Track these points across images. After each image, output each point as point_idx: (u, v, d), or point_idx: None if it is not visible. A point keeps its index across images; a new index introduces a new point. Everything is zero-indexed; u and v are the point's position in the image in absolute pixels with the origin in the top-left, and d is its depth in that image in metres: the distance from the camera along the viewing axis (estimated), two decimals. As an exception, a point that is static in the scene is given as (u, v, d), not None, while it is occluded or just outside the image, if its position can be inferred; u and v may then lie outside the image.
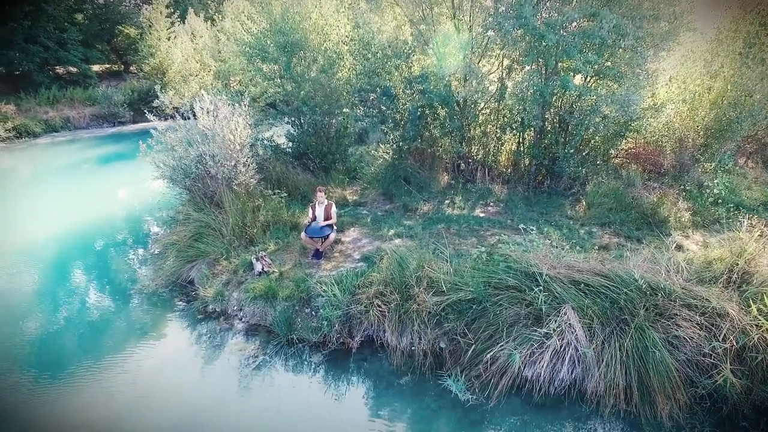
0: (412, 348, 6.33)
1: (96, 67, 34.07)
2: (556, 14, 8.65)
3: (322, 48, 11.47)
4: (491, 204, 10.32)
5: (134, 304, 8.05)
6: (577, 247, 7.56)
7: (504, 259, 6.80)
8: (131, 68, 35.11)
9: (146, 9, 32.95)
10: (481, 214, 9.78)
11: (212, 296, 7.57)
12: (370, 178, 11.56)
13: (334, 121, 11.97)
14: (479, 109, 10.90)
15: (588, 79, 9.60)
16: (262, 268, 7.62)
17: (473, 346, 5.92)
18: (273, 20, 10.98)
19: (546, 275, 6.06)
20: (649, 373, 5.24)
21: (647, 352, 5.29)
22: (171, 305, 7.92)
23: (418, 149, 11.39)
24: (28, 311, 7.89)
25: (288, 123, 12.37)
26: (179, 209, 10.11)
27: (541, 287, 5.98)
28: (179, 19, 31.95)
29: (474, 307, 6.20)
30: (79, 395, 5.83)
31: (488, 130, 11.19)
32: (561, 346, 5.63)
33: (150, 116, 9.90)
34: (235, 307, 7.42)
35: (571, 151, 10.03)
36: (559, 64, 9.34)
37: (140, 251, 10.58)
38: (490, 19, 9.22)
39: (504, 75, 10.34)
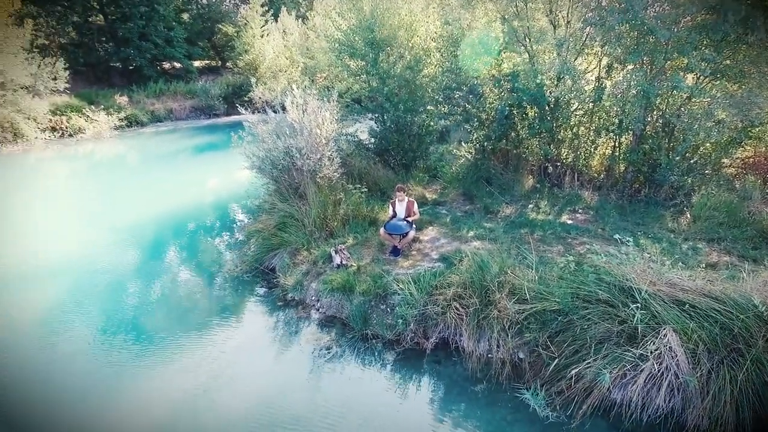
0: (489, 355, 6.08)
1: (197, 63, 36.82)
2: (669, 7, 7.88)
3: (410, 44, 11.43)
4: (580, 211, 9.70)
5: (220, 286, 8.52)
6: (680, 264, 6.83)
7: (595, 271, 6.31)
8: (227, 64, 37.49)
9: (243, 8, 35.04)
10: (569, 221, 9.22)
11: (292, 285, 7.80)
12: (451, 178, 11.34)
13: (417, 118, 11.88)
14: (572, 109, 10.26)
15: (701, 79, 8.67)
16: (341, 261, 7.72)
17: (556, 360, 5.56)
18: (362, 17, 11.11)
19: (645, 292, 5.53)
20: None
21: (766, 390, 4.63)
22: (253, 290, 8.27)
23: (503, 150, 10.99)
24: (128, 284, 8.65)
25: (371, 119, 12.48)
26: (265, 199, 10.56)
27: (638, 304, 5.47)
28: (272, 17, 33.59)
29: (559, 318, 5.83)
30: (166, 365, 6.25)
31: (581, 132, 10.51)
32: (658, 371, 5.10)
33: (241, 109, 10.45)
34: (313, 297, 7.58)
35: (677, 158, 9.13)
36: (668, 62, 8.52)
37: (228, 236, 11.21)
38: (590, 13, 8.64)
39: (602, 74, 9.64)
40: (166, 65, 33.88)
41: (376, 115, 12.17)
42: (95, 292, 8.24)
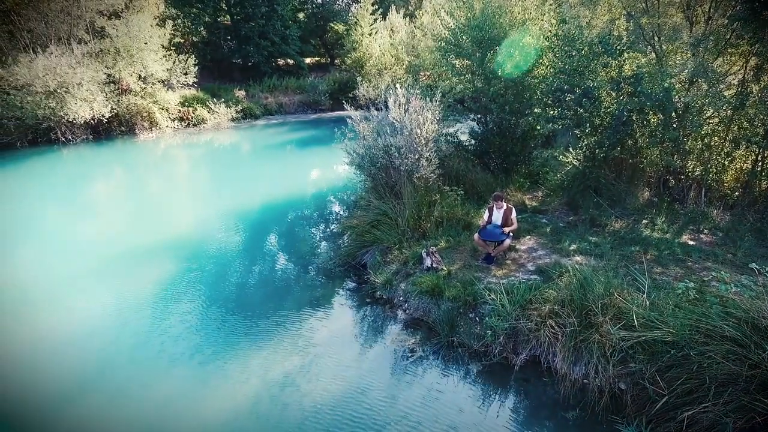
0: (585, 381, 5.59)
1: (308, 60, 38.81)
2: None
3: (520, 44, 10.90)
4: (705, 231, 8.58)
5: (313, 277, 8.85)
6: (836, 306, 5.73)
7: (721, 302, 5.51)
8: (336, 61, 39.03)
9: (355, 7, 36.19)
10: (690, 242, 8.20)
11: (381, 283, 7.83)
12: (555, 185, 10.67)
13: (522, 121, 11.35)
14: (705, 117, 9.06)
15: None
16: (431, 264, 7.60)
17: (666, 398, 4.95)
18: (472, 15, 10.83)
19: (786, 335, 4.71)
20: None
21: None
22: (344, 284, 8.48)
23: (616, 158, 10.05)
24: (232, 265, 9.38)
25: (473, 120, 12.17)
26: (362, 195, 10.79)
27: (776, 349, 4.67)
28: (381, 16, 34.29)
29: (672, 352, 5.16)
30: (259, 350, 6.59)
31: (713, 142, 9.26)
32: (798, 431, 4.32)
33: (346, 105, 10.76)
34: (401, 298, 7.56)
35: (839, 178, 7.70)
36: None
37: (323, 228, 11.64)
38: (739, 7, 7.55)
39: (749, 77, 8.39)
40: (281, 62, 36.13)
41: (479, 116, 11.84)
42: (205, 269, 9.04)
